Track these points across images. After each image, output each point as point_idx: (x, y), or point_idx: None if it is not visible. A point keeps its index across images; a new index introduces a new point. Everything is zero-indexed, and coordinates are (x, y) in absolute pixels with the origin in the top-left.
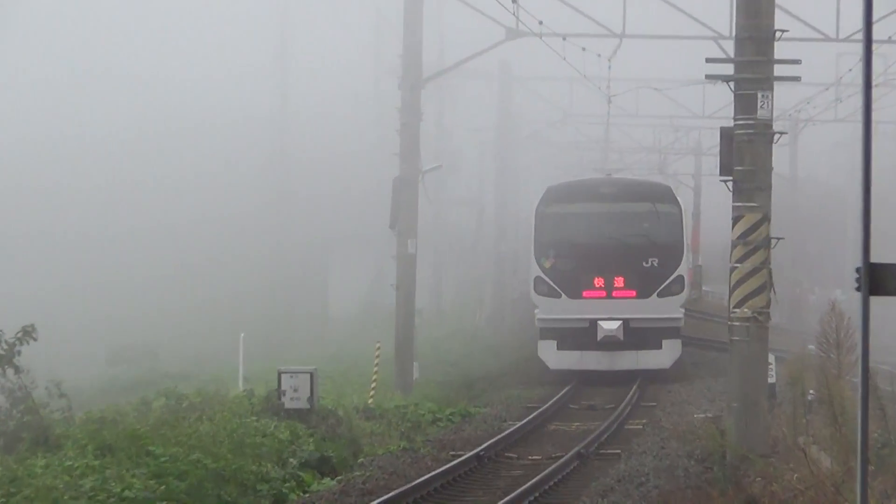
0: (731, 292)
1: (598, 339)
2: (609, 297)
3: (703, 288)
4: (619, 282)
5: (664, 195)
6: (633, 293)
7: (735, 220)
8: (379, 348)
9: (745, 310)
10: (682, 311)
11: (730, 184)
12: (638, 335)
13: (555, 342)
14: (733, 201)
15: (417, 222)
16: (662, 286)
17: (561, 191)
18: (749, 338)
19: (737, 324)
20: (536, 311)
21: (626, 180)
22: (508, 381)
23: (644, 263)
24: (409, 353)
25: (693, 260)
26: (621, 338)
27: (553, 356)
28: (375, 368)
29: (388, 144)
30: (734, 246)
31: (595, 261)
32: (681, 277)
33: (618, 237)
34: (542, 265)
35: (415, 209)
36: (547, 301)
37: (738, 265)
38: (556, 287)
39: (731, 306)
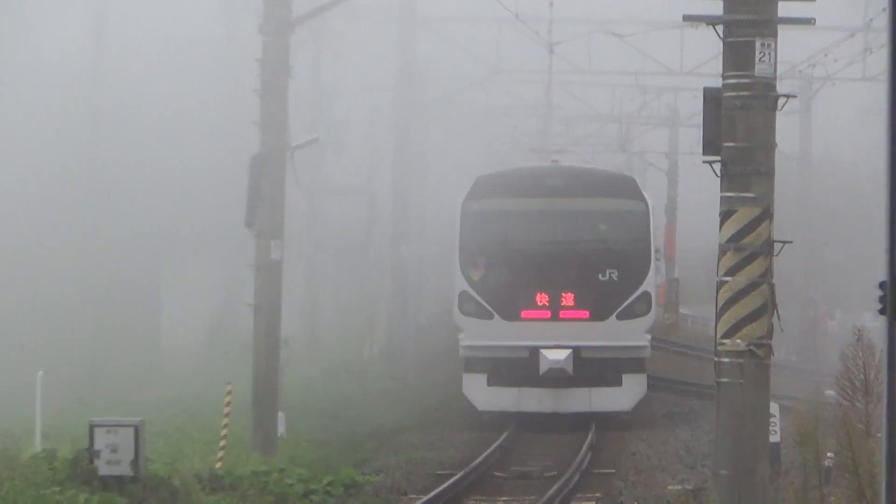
0: (718, 316)
1: (541, 372)
2: (555, 318)
3: (681, 310)
4: (567, 299)
5: (627, 188)
6: (586, 314)
7: (724, 217)
8: (230, 392)
9: (738, 340)
10: (649, 337)
11: (717, 166)
12: (591, 368)
13: (484, 376)
14: (721, 190)
15: (284, 218)
16: (623, 305)
17: (493, 182)
18: (743, 379)
19: (726, 360)
20: (461, 335)
21: (577, 169)
22: (411, 438)
23: (600, 276)
24: (273, 400)
25: (666, 272)
26: (570, 371)
27: (482, 394)
28: (225, 420)
29: (244, 109)
30: (723, 252)
31: (537, 272)
32: (647, 294)
33: (567, 242)
34: (468, 277)
35: (280, 199)
36: (475, 323)
37: (727, 279)
38: (486, 305)
39: (719, 335)
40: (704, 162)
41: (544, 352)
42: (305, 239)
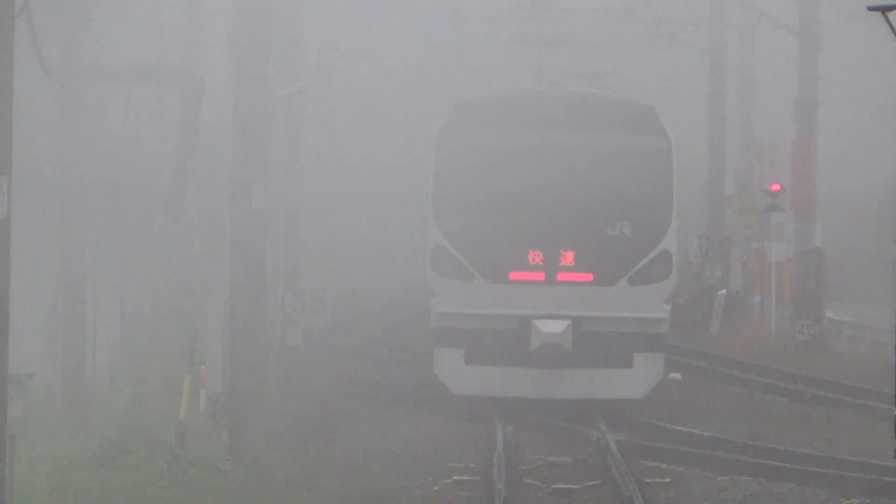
0: None
1: (533, 347)
2: (551, 281)
3: (829, 315)
4: (567, 258)
5: (644, 120)
6: (590, 277)
7: None
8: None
9: None
10: (668, 308)
11: None
12: (595, 344)
13: (462, 351)
14: None
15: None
16: (637, 267)
17: (478, 110)
18: None
19: None
20: (433, 301)
21: (580, 95)
22: None
23: (608, 229)
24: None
25: (798, 236)
26: (569, 347)
27: (458, 374)
28: None
29: None
30: None
31: (530, 223)
32: (667, 254)
33: (567, 187)
34: (444, 228)
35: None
36: (451, 285)
37: None
38: (466, 263)
39: None
40: (873, 9)
41: (537, 323)
42: (56, 173)
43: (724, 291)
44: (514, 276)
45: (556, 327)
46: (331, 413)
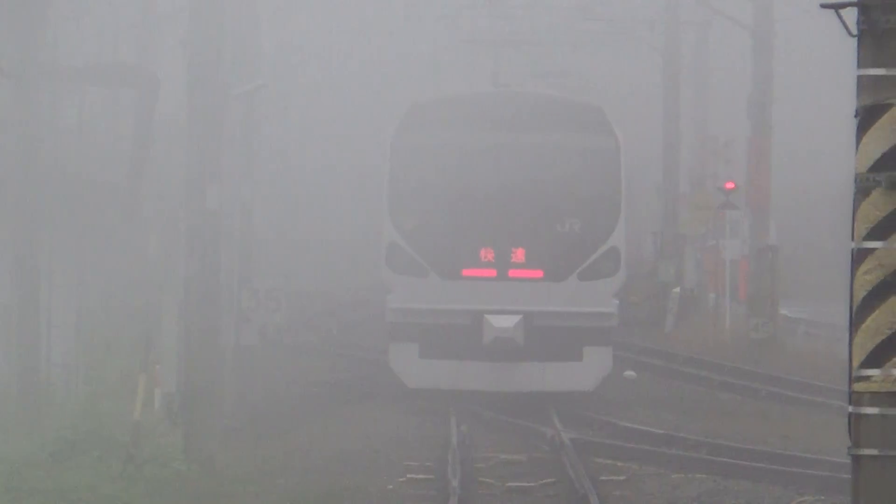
0: (853, 323)
1: (485, 342)
2: (503, 277)
3: (783, 311)
4: (518, 255)
5: (593, 120)
6: (540, 273)
7: (865, 121)
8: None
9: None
10: (617, 303)
11: (850, 15)
12: (546, 338)
13: (416, 346)
14: (858, 66)
15: None
16: (586, 263)
17: (431, 111)
18: None
19: (872, 411)
20: (389, 296)
21: (532, 96)
22: None
23: (558, 227)
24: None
25: (751, 233)
26: (520, 341)
27: (412, 368)
28: None
29: None
30: (864, 192)
31: (482, 221)
32: (615, 250)
33: (518, 185)
34: (399, 226)
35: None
36: (406, 282)
37: (875, 245)
38: (420, 260)
39: (857, 362)
40: (826, 7)
41: (489, 318)
42: (10, 171)
43: (678, 289)
44: (466, 272)
45: (508, 322)
46: (286, 411)
